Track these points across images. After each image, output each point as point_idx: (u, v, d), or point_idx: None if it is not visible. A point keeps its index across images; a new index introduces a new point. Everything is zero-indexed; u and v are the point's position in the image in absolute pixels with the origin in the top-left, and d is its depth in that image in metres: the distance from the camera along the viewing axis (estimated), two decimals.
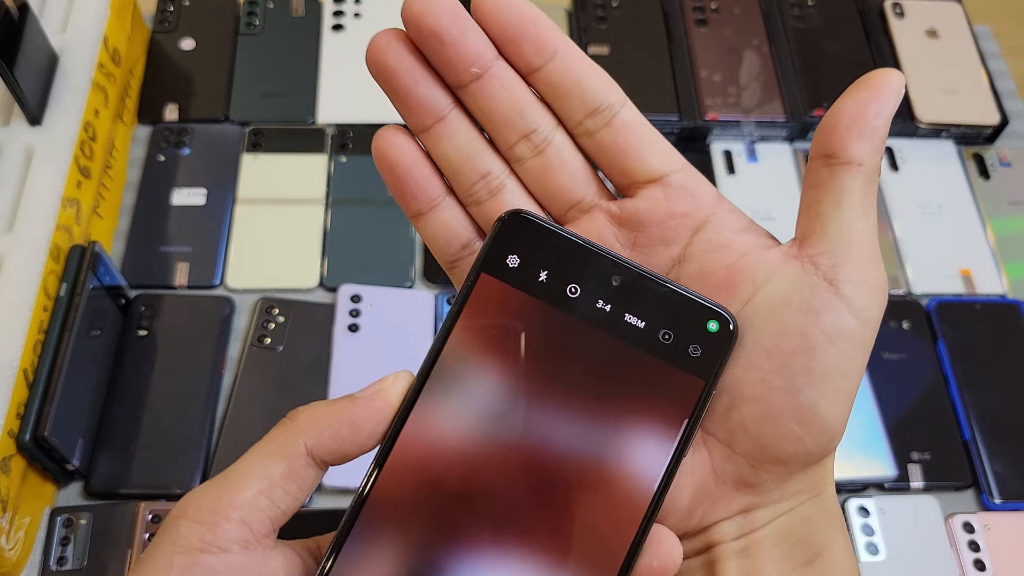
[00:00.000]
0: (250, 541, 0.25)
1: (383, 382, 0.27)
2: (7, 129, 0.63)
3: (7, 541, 0.54)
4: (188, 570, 0.24)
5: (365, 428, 0.26)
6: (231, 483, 0.26)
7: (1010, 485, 0.64)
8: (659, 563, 0.26)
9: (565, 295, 0.28)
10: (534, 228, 0.28)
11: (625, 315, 0.28)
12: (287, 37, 0.81)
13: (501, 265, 0.28)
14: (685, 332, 0.28)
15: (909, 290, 0.73)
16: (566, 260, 0.28)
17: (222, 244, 0.70)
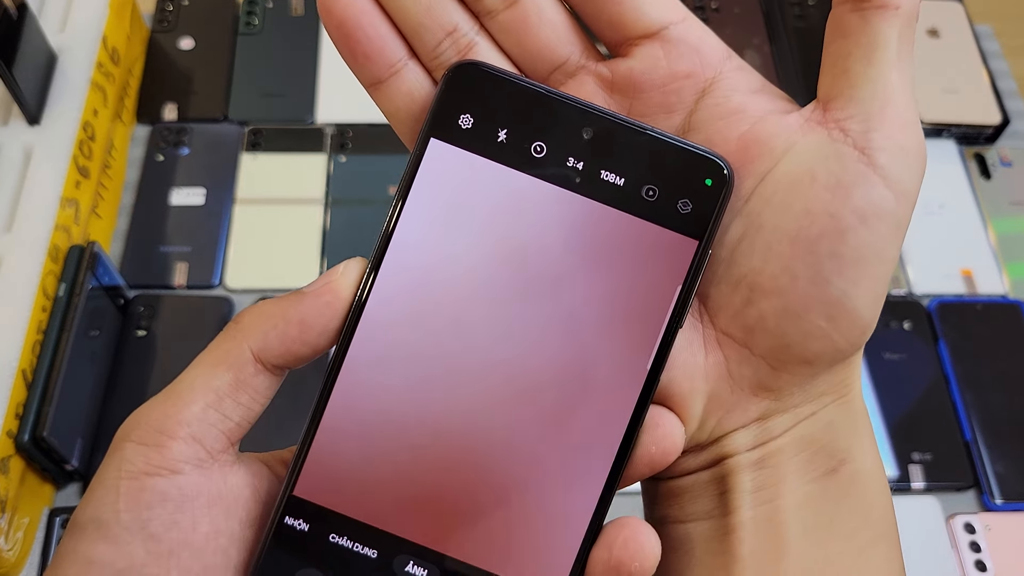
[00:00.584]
0: (204, 459, 0.23)
1: (332, 273, 0.24)
2: (5, 129, 0.63)
3: (6, 542, 0.54)
4: (137, 496, 0.22)
5: (315, 326, 0.24)
6: (176, 399, 0.24)
7: (1011, 485, 0.64)
8: (658, 448, 0.24)
9: (530, 155, 0.25)
10: (488, 80, 0.25)
11: (601, 172, 0.24)
12: (286, 37, 0.81)
13: (453, 126, 0.25)
14: (672, 186, 0.24)
15: (910, 290, 0.73)
16: (528, 114, 0.24)
17: (221, 244, 0.70)
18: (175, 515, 0.23)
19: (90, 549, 0.22)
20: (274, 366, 0.24)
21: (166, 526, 0.22)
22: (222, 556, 0.23)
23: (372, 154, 0.75)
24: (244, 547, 0.24)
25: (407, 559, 0.24)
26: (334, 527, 0.24)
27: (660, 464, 0.24)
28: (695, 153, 0.24)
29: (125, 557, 0.22)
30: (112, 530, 0.22)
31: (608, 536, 0.24)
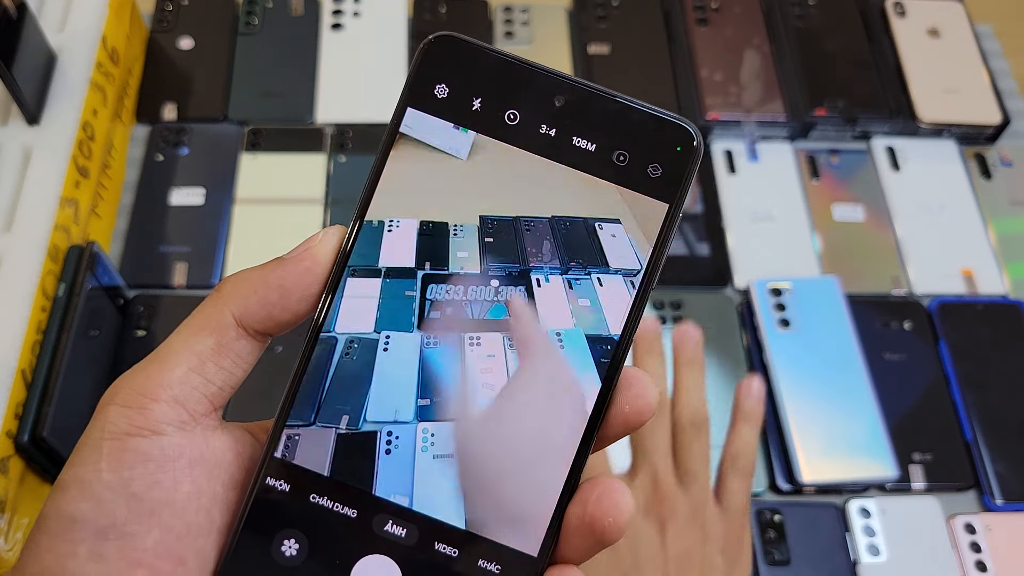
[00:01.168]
0: (186, 421, 0.24)
1: (310, 240, 0.25)
2: (5, 129, 0.62)
3: (5, 542, 0.54)
4: (119, 456, 0.23)
5: (295, 291, 0.24)
6: (159, 363, 0.24)
7: (1012, 486, 0.64)
8: (631, 408, 0.25)
9: (503, 123, 0.25)
10: (462, 50, 0.25)
11: (573, 138, 0.25)
12: (286, 36, 0.81)
13: (428, 96, 0.25)
14: (642, 151, 0.25)
15: (910, 290, 0.73)
16: (501, 82, 0.25)
17: (221, 244, 0.70)
18: (156, 474, 0.23)
19: (72, 507, 0.22)
20: (256, 331, 0.25)
21: (147, 485, 0.23)
22: (205, 516, 0.24)
23: (372, 154, 0.75)
24: (227, 509, 0.24)
25: (386, 518, 0.25)
26: (315, 487, 0.25)
27: (635, 423, 0.25)
28: (664, 119, 0.25)
29: (107, 515, 0.22)
30: (94, 488, 0.22)
31: (583, 493, 0.24)
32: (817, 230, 0.75)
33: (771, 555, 0.60)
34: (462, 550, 0.25)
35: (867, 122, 0.79)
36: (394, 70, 0.79)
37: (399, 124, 0.25)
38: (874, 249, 0.74)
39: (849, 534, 0.62)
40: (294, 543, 0.24)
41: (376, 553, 0.24)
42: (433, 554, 0.24)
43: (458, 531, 0.25)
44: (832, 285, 0.70)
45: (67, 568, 0.22)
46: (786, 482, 0.63)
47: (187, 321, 0.25)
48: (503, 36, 0.83)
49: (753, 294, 0.69)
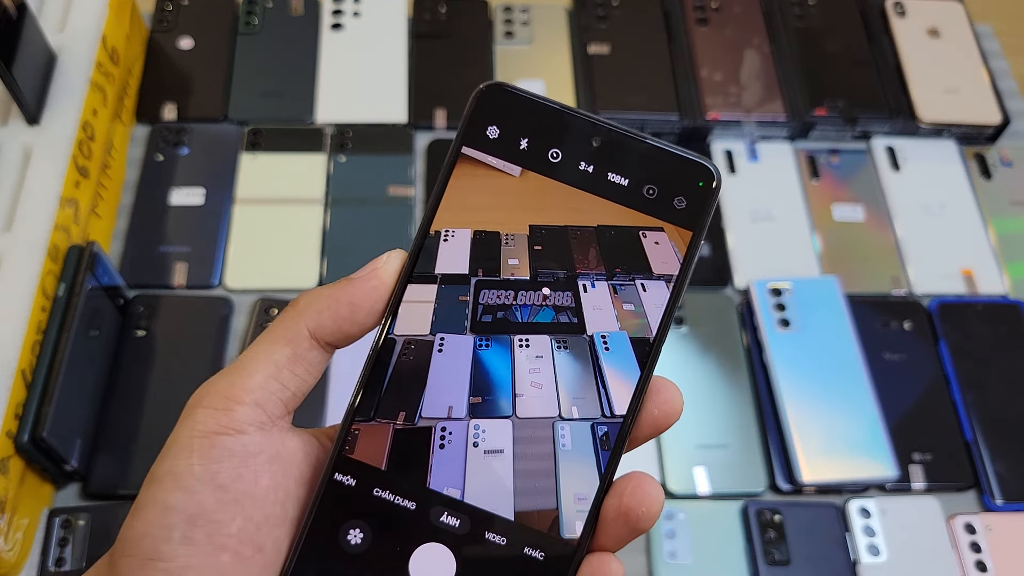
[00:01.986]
0: (264, 422, 0.27)
1: (376, 262, 0.28)
2: (5, 129, 0.62)
3: (5, 542, 0.54)
4: (207, 452, 0.26)
5: (363, 307, 0.28)
6: (241, 370, 0.27)
7: (1012, 486, 0.64)
8: (660, 412, 0.28)
9: (547, 160, 0.28)
10: (511, 97, 0.29)
11: (608, 174, 0.28)
12: (286, 36, 0.81)
13: (481, 137, 0.29)
14: (669, 186, 0.28)
15: (910, 290, 0.73)
16: (545, 125, 0.28)
17: (221, 244, 0.70)
18: (240, 468, 0.26)
19: (167, 496, 0.25)
20: (326, 343, 0.28)
21: (232, 478, 0.26)
22: (280, 508, 0.27)
23: (372, 154, 0.75)
24: (297, 504, 0.27)
25: (441, 510, 0.27)
26: (378, 482, 0.27)
27: (663, 426, 0.28)
28: (689, 159, 0.28)
29: (197, 504, 0.25)
30: (186, 480, 0.25)
31: (619, 487, 0.27)
32: (817, 230, 0.75)
33: (771, 555, 0.60)
34: (509, 538, 0.27)
35: (867, 122, 0.79)
36: (394, 70, 0.79)
37: (455, 160, 0.29)
38: (874, 249, 0.74)
39: (849, 534, 0.62)
40: (359, 533, 0.27)
41: (432, 541, 0.27)
42: (483, 542, 0.27)
43: (506, 521, 0.27)
44: (832, 285, 0.70)
45: (161, 550, 0.25)
46: (786, 482, 0.63)
47: (265, 333, 0.28)
48: (503, 36, 0.83)
49: (753, 294, 0.69)
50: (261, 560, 0.26)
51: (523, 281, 0.29)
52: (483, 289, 0.29)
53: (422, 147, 0.77)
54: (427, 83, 0.79)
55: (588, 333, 0.29)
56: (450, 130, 0.78)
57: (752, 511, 0.61)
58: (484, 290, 0.29)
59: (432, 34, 0.82)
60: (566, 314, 0.29)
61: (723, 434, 0.65)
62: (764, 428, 0.65)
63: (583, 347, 0.29)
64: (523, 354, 0.29)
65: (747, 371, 0.67)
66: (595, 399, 0.29)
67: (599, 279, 0.29)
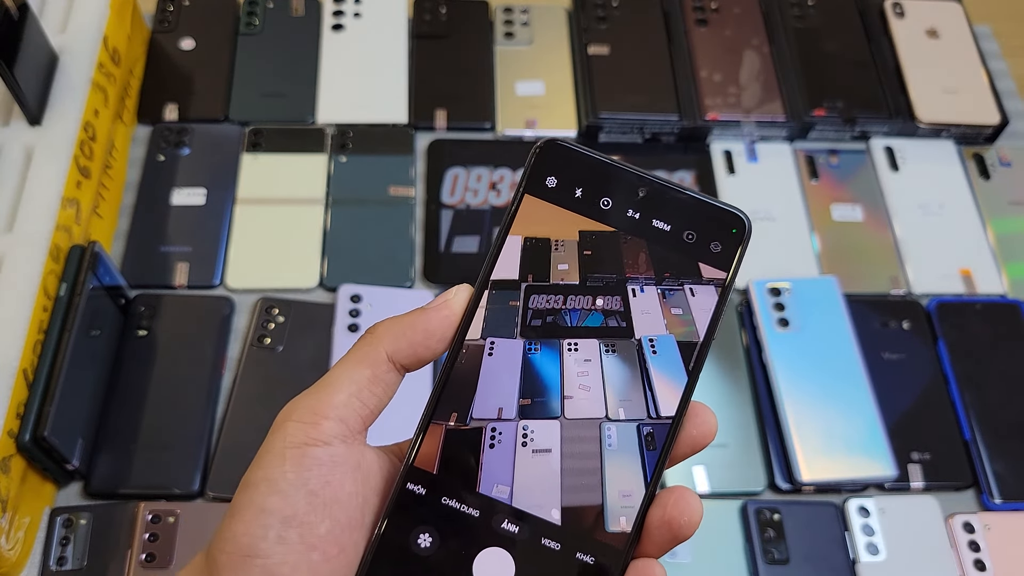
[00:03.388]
0: (347, 436, 0.29)
1: (448, 294, 0.31)
2: (7, 129, 0.63)
3: (7, 541, 0.54)
4: (299, 461, 0.28)
5: (436, 333, 0.31)
6: (327, 388, 0.30)
7: (1010, 485, 0.64)
8: (698, 431, 0.30)
9: (599, 207, 0.32)
10: (567, 152, 0.32)
11: (653, 221, 0.32)
12: (287, 37, 0.81)
13: (541, 186, 0.32)
14: (706, 232, 0.31)
15: (909, 290, 0.73)
16: (597, 177, 0.32)
17: (222, 244, 0.70)
18: (328, 476, 0.29)
19: (264, 500, 0.28)
20: (402, 365, 0.31)
21: (321, 484, 0.28)
22: (359, 513, 0.29)
23: (372, 154, 0.76)
24: (372, 511, 0.30)
25: (503, 518, 0.30)
26: (446, 491, 0.30)
27: (700, 444, 0.31)
28: (723, 209, 0.32)
29: (291, 507, 0.28)
30: (280, 486, 0.28)
31: (662, 499, 0.30)
32: (816, 230, 0.75)
33: (770, 554, 0.60)
34: (563, 544, 0.30)
35: (866, 122, 0.79)
36: (395, 70, 0.79)
37: (518, 206, 0.32)
38: (873, 249, 0.75)
39: (848, 533, 0.62)
40: (428, 537, 0.30)
41: (494, 546, 0.30)
42: (540, 547, 0.30)
43: (560, 528, 0.30)
44: (831, 285, 0.70)
45: (259, 548, 0.28)
46: (785, 481, 0.63)
47: (347, 356, 0.31)
48: (503, 36, 0.83)
49: (752, 294, 0.69)
50: (344, 560, 0.29)
51: (572, 286, 0.32)
52: (533, 294, 0.32)
53: (422, 147, 0.77)
54: (427, 83, 0.79)
55: (636, 337, 0.31)
56: (450, 130, 0.78)
57: (751, 510, 0.62)
58: (534, 295, 0.32)
59: (432, 34, 0.82)
60: (615, 318, 0.32)
61: (722, 433, 0.65)
62: (763, 427, 0.65)
63: (631, 351, 0.31)
64: (571, 357, 0.31)
65: (746, 371, 0.68)
66: (641, 401, 0.31)
67: (648, 284, 0.32)
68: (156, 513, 0.58)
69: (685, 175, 0.77)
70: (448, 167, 0.76)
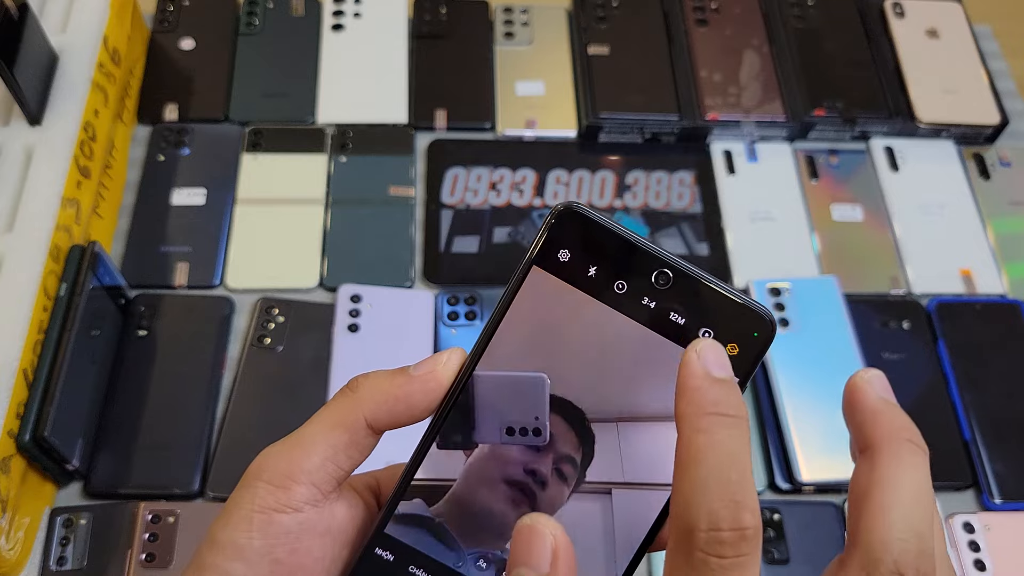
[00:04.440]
0: (319, 500, 0.29)
1: (437, 361, 0.30)
2: (7, 129, 0.63)
3: (7, 541, 0.54)
4: (266, 528, 0.28)
5: (420, 405, 0.29)
6: (301, 450, 0.29)
7: (1010, 485, 0.64)
8: None
9: (612, 290, 0.29)
10: (587, 222, 0.28)
11: (669, 313, 0.29)
12: (287, 37, 0.81)
13: (552, 258, 0.29)
14: (724, 330, 0.28)
15: (909, 290, 0.73)
16: (615, 256, 0.28)
17: (222, 244, 0.70)
18: (295, 544, 0.28)
19: (228, 565, 0.28)
20: (379, 430, 0.30)
21: (287, 552, 0.28)
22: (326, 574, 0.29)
23: (372, 154, 0.76)
24: (343, 565, 0.30)
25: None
26: (413, 560, 0.29)
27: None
28: (746, 306, 0.28)
29: (254, 574, 0.28)
30: (246, 552, 0.28)
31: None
32: (816, 230, 0.75)
33: (770, 554, 0.60)
34: None
35: (866, 122, 0.79)
36: (395, 71, 0.79)
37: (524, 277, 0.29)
38: (873, 249, 0.75)
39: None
40: None
41: None
42: None
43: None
44: (831, 285, 0.70)
45: None
46: (785, 481, 0.63)
47: (325, 413, 0.29)
48: (503, 37, 0.83)
49: (752, 294, 0.69)
50: None
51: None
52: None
53: (423, 147, 0.77)
54: (427, 83, 0.79)
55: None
56: (451, 130, 0.78)
57: None
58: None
59: (432, 35, 0.82)
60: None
61: None
62: (763, 427, 0.65)
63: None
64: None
65: None
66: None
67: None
68: (156, 513, 0.58)
69: (685, 175, 0.77)
70: (448, 167, 0.76)
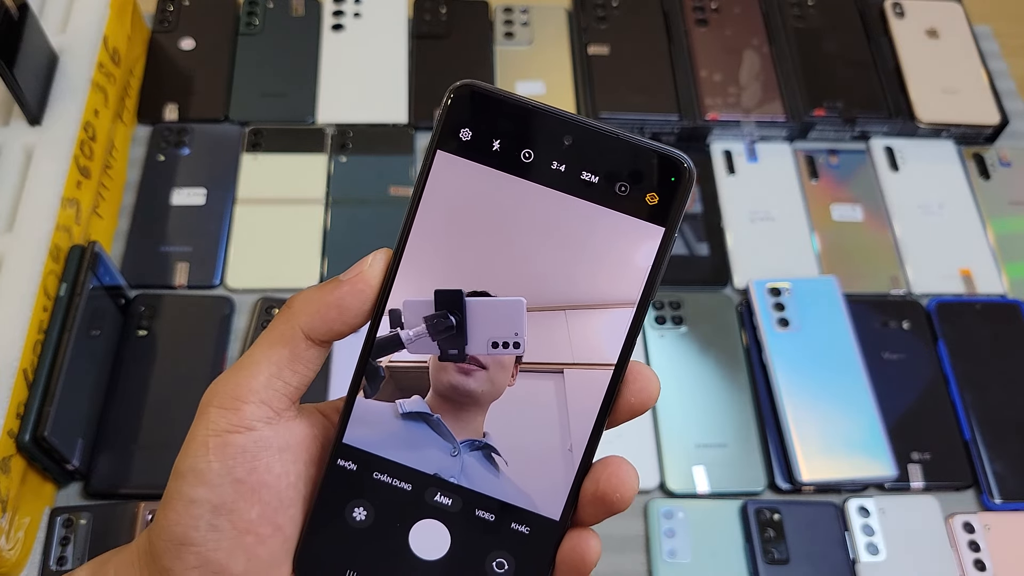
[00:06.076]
0: (271, 417, 0.29)
1: (362, 264, 0.30)
2: (7, 129, 0.63)
3: (7, 541, 0.54)
4: (222, 450, 0.28)
5: (351, 309, 0.29)
6: (245, 371, 0.29)
7: (1010, 485, 0.64)
8: (636, 399, 0.29)
9: (520, 161, 0.28)
10: (484, 97, 0.28)
11: (581, 173, 0.28)
12: (287, 37, 0.81)
13: (455, 139, 0.29)
14: (641, 182, 0.28)
15: (909, 290, 0.73)
16: (517, 126, 0.28)
17: (222, 244, 0.70)
18: (253, 462, 0.29)
19: (192, 491, 0.29)
20: (321, 341, 0.30)
21: (247, 471, 0.29)
22: (293, 490, 0.30)
23: (372, 154, 0.76)
24: (310, 482, 0.30)
25: (435, 491, 0.30)
26: (376, 466, 0.30)
27: (639, 411, 0.30)
28: (660, 153, 0.28)
29: (218, 496, 0.28)
30: (207, 476, 0.28)
31: (596, 471, 0.29)
32: (816, 230, 0.75)
33: (770, 554, 0.60)
34: (498, 515, 0.30)
35: (866, 122, 0.79)
36: (395, 70, 0.79)
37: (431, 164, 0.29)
38: (873, 249, 0.75)
39: (848, 533, 0.62)
40: (362, 511, 0.30)
41: (428, 518, 0.30)
42: (474, 518, 0.30)
43: (495, 500, 0.30)
44: (831, 285, 0.70)
45: (192, 537, 0.28)
46: (785, 481, 0.63)
47: (264, 334, 0.30)
48: (503, 37, 0.83)
49: (752, 294, 0.69)
50: (280, 537, 0.29)
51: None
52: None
53: (423, 147, 0.77)
54: (427, 83, 0.79)
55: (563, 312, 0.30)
56: None
57: (751, 510, 0.62)
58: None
59: (432, 34, 0.82)
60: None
61: (722, 433, 0.65)
62: (763, 427, 0.65)
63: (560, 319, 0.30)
64: None
65: (746, 371, 0.68)
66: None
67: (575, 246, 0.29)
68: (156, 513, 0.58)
69: None
70: None
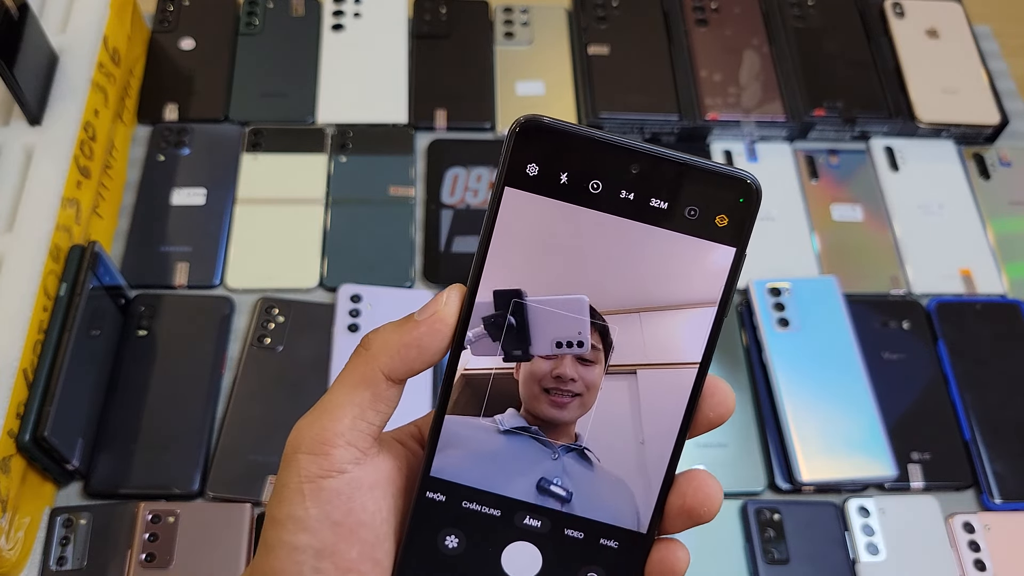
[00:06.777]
0: (359, 457, 0.30)
1: (437, 302, 0.30)
2: (7, 129, 0.63)
3: (7, 541, 0.54)
4: (317, 495, 0.29)
5: (431, 347, 0.30)
6: (329, 415, 0.30)
7: (1010, 485, 0.64)
8: (714, 413, 0.30)
9: (588, 192, 0.29)
10: (548, 131, 0.29)
11: (650, 200, 0.29)
12: (287, 37, 0.81)
13: (522, 175, 0.29)
14: (709, 205, 0.29)
15: (909, 290, 0.73)
16: (583, 157, 0.29)
17: (222, 244, 0.70)
18: (348, 504, 0.30)
19: (293, 538, 0.29)
20: (399, 380, 0.31)
21: (344, 513, 0.29)
22: (387, 525, 0.31)
23: (372, 154, 0.76)
24: (399, 513, 0.31)
25: (524, 515, 0.31)
26: (464, 496, 0.31)
27: (716, 424, 0.31)
28: (726, 175, 0.28)
29: (319, 541, 0.29)
30: (306, 523, 0.29)
31: (681, 485, 0.30)
32: (816, 230, 0.75)
33: (770, 554, 0.60)
34: (587, 532, 0.30)
35: (866, 122, 0.79)
36: (395, 71, 0.79)
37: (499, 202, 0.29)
38: (873, 249, 0.75)
39: (848, 533, 0.62)
40: (454, 538, 0.31)
41: (519, 540, 0.31)
42: (563, 537, 0.30)
43: (582, 519, 0.30)
44: (831, 285, 0.70)
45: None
46: (785, 481, 0.63)
47: (344, 376, 0.31)
48: (503, 36, 0.83)
49: (752, 293, 0.69)
50: (379, 570, 0.30)
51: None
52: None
53: (423, 147, 0.77)
54: (427, 83, 0.79)
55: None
56: (450, 130, 0.78)
57: (751, 510, 0.62)
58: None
59: (432, 34, 0.82)
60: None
61: (722, 433, 0.65)
62: (763, 427, 0.65)
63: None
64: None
65: (746, 370, 0.68)
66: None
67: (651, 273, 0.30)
68: (156, 513, 0.58)
69: None
70: (448, 167, 0.76)
